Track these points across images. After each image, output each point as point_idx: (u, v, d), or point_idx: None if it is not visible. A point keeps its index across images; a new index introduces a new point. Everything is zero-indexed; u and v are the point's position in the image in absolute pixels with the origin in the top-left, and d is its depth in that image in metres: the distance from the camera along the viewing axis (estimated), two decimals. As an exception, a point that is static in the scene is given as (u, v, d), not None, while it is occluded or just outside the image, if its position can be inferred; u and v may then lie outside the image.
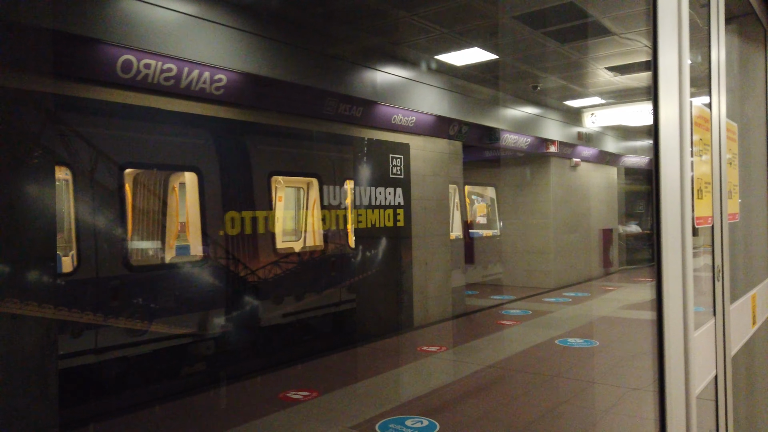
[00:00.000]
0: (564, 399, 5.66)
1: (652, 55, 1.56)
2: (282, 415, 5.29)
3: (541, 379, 6.35)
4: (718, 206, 2.47)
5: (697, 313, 2.37)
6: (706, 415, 2.41)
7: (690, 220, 1.60)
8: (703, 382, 2.10)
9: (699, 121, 2.30)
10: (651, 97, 1.54)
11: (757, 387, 3.44)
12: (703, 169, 2.32)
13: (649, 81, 1.80)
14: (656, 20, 1.56)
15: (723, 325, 2.48)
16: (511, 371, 6.72)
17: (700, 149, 2.31)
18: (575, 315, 10.25)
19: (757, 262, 3.41)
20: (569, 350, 7.50)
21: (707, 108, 2.42)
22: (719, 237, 2.49)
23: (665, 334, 1.57)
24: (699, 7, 2.72)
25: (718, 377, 2.38)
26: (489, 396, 5.89)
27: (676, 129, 1.57)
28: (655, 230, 1.56)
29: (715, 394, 2.40)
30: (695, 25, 2.68)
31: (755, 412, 3.45)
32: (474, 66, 9.40)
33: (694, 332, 1.75)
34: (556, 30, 7.94)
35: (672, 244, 1.56)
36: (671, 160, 1.56)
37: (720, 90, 2.53)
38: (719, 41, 2.51)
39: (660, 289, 1.56)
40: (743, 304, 2.86)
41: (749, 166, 3.40)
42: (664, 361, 1.59)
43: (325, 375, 6.77)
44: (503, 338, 8.38)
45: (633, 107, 12.71)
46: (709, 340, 2.28)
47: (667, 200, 1.54)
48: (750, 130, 3.43)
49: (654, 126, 1.54)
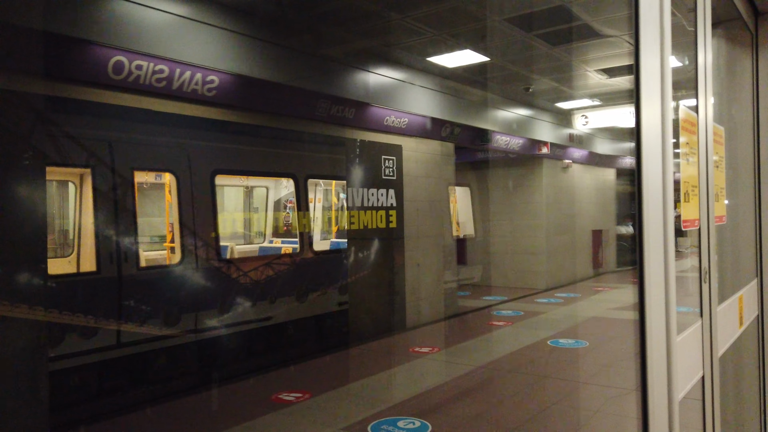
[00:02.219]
0: (556, 399, 5.69)
1: (634, 60, 1.58)
2: (274, 417, 5.29)
3: (533, 380, 6.38)
4: (705, 209, 2.50)
5: (686, 313, 2.40)
6: (695, 415, 2.43)
7: (672, 224, 1.62)
8: (689, 383, 2.12)
9: (686, 125, 2.33)
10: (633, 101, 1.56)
11: (744, 387, 3.47)
12: (690, 171, 2.34)
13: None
14: (638, 25, 1.58)
15: (710, 326, 2.51)
16: (503, 372, 6.74)
17: (687, 152, 2.34)
18: (567, 316, 10.30)
19: (744, 263, 3.45)
20: (561, 351, 7.54)
21: (694, 111, 2.44)
22: (706, 239, 2.51)
23: (647, 338, 1.58)
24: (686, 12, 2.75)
25: (705, 377, 2.41)
26: (481, 397, 5.92)
27: (658, 133, 1.59)
28: (638, 234, 1.57)
29: (702, 394, 2.42)
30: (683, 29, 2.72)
31: (743, 411, 3.49)
32: (466, 68, 9.43)
33: (677, 336, 1.77)
34: (548, 32, 7.99)
35: (654, 248, 1.57)
36: (653, 164, 1.58)
37: (707, 93, 2.56)
38: (706, 45, 2.54)
39: (642, 293, 1.58)
40: (730, 305, 2.89)
41: (736, 169, 3.43)
42: (646, 365, 1.60)
43: (317, 376, 6.77)
44: (495, 339, 8.41)
45: (626, 109, 12.78)
46: (696, 341, 2.31)
47: (650, 204, 1.56)
48: (737, 133, 3.47)
49: (636, 130, 1.56)
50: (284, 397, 5.78)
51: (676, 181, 2.22)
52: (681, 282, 2.99)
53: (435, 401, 5.72)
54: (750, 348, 3.42)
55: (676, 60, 6.65)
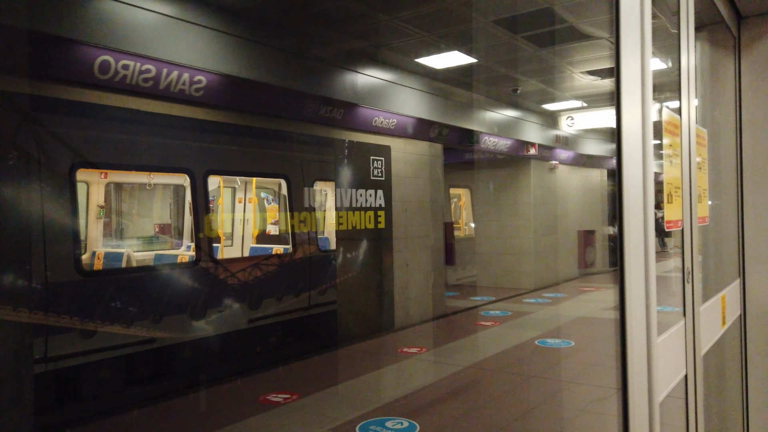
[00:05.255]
0: (543, 399, 5.73)
1: (615, 63, 1.60)
2: (262, 419, 5.27)
3: (521, 379, 6.42)
4: (687, 210, 2.53)
5: (671, 313, 2.43)
6: (679, 414, 2.46)
7: (652, 225, 1.64)
8: (672, 382, 2.15)
9: (669, 127, 2.36)
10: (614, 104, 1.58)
11: (727, 385, 3.52)
12: (673, 173, 2.37)
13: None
14: (619, 29, 1.59)
15: (693, 325, 2.54)
16: (490, 372, 6.78)
17: (671, 154, 2.37)
18: (555, 316, 10.36)
19: (726, 264, 3.49)
20: (549, 351, 7.59)
21: (677, 114, 2.47)
22: (689, 240, 2.55)
23: (628, 340, 1.60)
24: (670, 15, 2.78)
25: (688, 376, 2.44)
26: (469, 396, 5.94)
27: (638, 135, 1.61)
28: (618, 236, 1.59)
29: (685, 393, 2.46)
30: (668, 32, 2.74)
31: (727, 408, 3.53)
32: (454, 69, 9.47)
33: (658, 337, 1.79)
34: (536, 34, 8.04)
35: (635, 249, 1.59)
36: (634, 166, 1.60)
37: (690, 96, 2.59)
38: (689, 49, 2.57)
39: (623, 295, 1.59)
40: (713, 305, 2.93)
41: (719, 170, 3.48)
42: (627, 366, 1.62)
43: (306, 377, 6.76)
44: (483, 339, 8.45)
45: (611, 111, 12.86)
46: (679, 340, 2.34)
47: (630, 206, 1.58)
48: (720, 135, 3.51)
49: (617, 132, 1.58)
50: (272, 399, 5.77)
51: (659, 183, 2.25)
52: (667, 282, 3.03)
53: (423, 401, 5.73)
54: (733, 346, 3.47)
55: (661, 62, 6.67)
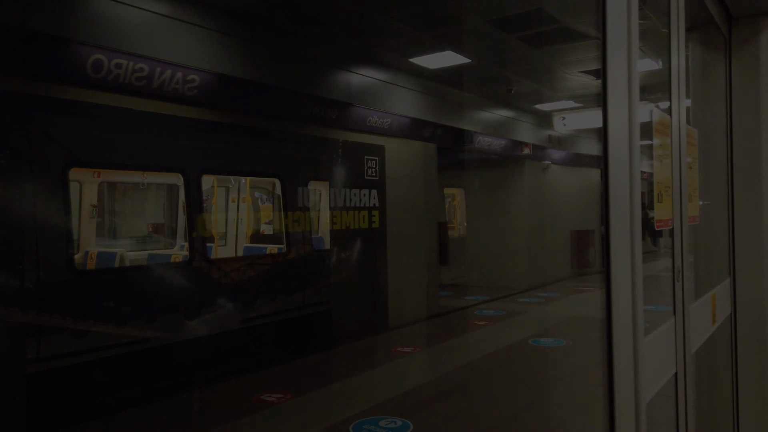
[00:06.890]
0: (536, 397, 5.75)
1: (601, 64, 1.61)
2: (256, 418, 5.27)
3: (515, 379, 6.44)
4: (678, 209, 2.55)
5: (664, 312, 2.44)
6: (669, 412, 2.48)
7: (639, 225, 1.65)
8: (661, 381, 2.16)
9: (659, 127, 2.37)
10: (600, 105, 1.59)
11: (718, 383, 3.55)
12: (663, 173, 2.39)
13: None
14: (605, 28, 1.60)
15: (683, 324, 2.56)
16: (484, 371, 6.79)
17: (661, 154, 2.38)
18: (549, 315, 10.39)
19: (717, 263, 3.52)
20: (542, 350, 7.61)
21: (667, 114, 2.49)
22: (679, 239, 2.56)
23: (614, 340, 1.61)
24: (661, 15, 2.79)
25: (678, 374, 2.46)
26: (462, 395, 5.95)
27: (625, 136, 1.62)
28: (605, 236, 1.60)
29: (675, 391, 2.47)
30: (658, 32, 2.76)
31: (717, 406, 3.56)
32: (448, 69, 9.48)
33: (646, 336, 1.79)
34: (530, 34, 8.06)
35: (621, 250, 1.60)
36: (620, 167, 1.60)
37: (680, 96, 2.60)
38: (679, 49, 2.59)
39: (609, 295, 1.60)
40: (703, 304, 2.95)
41: (710, 170, 3.50)
42: (612, 367, 1.62)
43: (299, 377, 6.76)
44: (477, 338, 8.46)
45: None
46: (669, 339, 2.35)
47: (617, 207, 1.59)
48: (711, 135, 3.53)
49: (603, 133, 1.59)
50: (266, 398, 5.76)
51: (650, 182, 2.26)
52: (660, 281, 3.05)
53: (417, 400, 5.74)
54: (723, 345, 3.50)
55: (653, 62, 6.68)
